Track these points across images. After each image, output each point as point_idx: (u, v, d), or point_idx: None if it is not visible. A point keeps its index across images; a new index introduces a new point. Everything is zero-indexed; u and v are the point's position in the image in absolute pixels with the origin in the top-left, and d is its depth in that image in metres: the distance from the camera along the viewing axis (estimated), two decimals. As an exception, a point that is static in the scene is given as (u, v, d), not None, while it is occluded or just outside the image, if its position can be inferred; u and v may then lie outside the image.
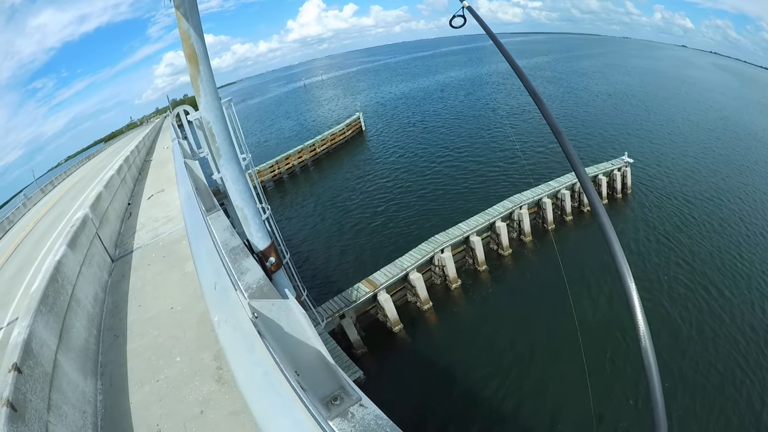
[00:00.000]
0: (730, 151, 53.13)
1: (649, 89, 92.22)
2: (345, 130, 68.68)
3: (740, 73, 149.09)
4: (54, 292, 6.79)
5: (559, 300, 26.00)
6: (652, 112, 71.85)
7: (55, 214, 25.84)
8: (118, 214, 15.84)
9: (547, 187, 35.61)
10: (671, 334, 23.38)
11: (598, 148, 52.78)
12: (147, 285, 9.45)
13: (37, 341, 5.12)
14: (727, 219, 35.20)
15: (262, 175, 52.74)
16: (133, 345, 7.12)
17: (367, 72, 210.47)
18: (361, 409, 3.61)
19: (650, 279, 27.84)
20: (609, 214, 3.03)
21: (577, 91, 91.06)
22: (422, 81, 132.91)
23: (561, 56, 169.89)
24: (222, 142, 10.58)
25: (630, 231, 33.78)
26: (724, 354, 22.02)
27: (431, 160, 54.55)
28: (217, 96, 10.36)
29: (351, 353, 23.40)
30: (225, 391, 5.45)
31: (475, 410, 20.09)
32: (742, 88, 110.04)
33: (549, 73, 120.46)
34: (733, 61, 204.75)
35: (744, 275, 28.03)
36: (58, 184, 47.17)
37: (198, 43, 9.32)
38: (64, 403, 4.79)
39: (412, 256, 27.97)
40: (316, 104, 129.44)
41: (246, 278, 6.10)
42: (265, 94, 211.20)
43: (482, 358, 22.84)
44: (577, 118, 67.97)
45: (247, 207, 11.38)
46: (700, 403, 19.45)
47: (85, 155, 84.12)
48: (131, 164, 27.03)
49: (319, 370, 3.93)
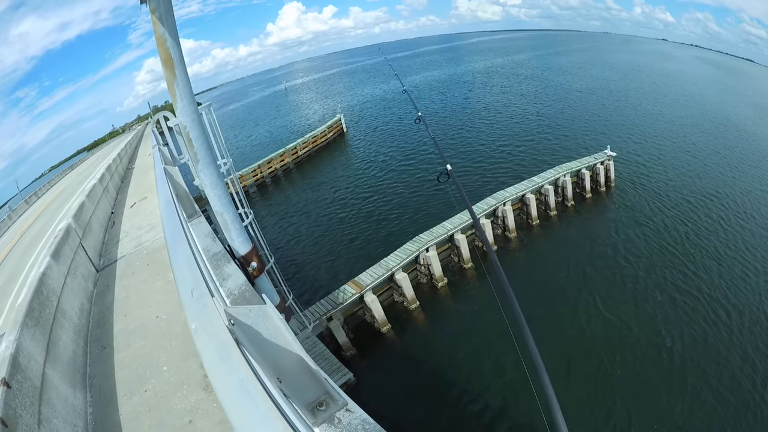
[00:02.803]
0: (712, 142, 54.13)
1: (630, 84, 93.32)
2: (326, 131, 68.74)
3: (722, 65, 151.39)
4: (39, 304, 6.79)
5: (545, 295, 26.38)
6: (634, 106, 72.79)
7: (40, 225, 25.64)
8: (101, 224, 15.77)
9: (530, 183, 35.94)
10: (650, 326, 23.79)
11: (581, 142, 53.26)
12: (132, 294, 9.46)
13: (24, 355, 5.13)
14: (711, 208, 36.10)
15: (245, 179, 52.65)
16: (120, 356, 7.15)
17: (347, 73, 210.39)
18: (347, 413, 3.65)
19: (634, 270, 28.30)
20: (593, 208, 3.12)
21: (558, 87, 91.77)
22: (405, 81, 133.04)
23: (541, 53, 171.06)
24: (200, 147, 10.56)
25: (613, 223, 34.24)
26: (712, 347, 22.46)
27: (413, 158, 54.74)
28: (194, 100, 10.34)
29: (340, 355, 23.45)
30: (213, 399, 5.50)
31: (463, 410, 20.22)
32: (725, 79, 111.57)
33: (529, 71, 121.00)
34: (714, 54, 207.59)
35: (726, 265, 28.80)
36: (42, 194, 46.72)
37: (174, 48, 9.31)
38: (55, 416, 4.82)
39: (398, 255, 28.08)
40: (297, 107, 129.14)
41: (228, 284, 6.13)
42: (246, 98, 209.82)
43: (470, 356, 23.00)
44: (559, 114, 68.63)
45: (226, 212, 11.38)
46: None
47: (68, 165, 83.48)
48: (113, 172, 26.88)
49: (302, 376, 3.96)
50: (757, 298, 25.55)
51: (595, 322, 24.15)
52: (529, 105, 75.52)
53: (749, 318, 24.09)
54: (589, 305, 25.45)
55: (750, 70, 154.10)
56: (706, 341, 22.62)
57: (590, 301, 25.67)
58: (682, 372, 20.87)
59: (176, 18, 9.47)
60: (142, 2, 8.85)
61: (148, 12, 9.00)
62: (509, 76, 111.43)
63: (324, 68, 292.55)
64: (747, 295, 25.91)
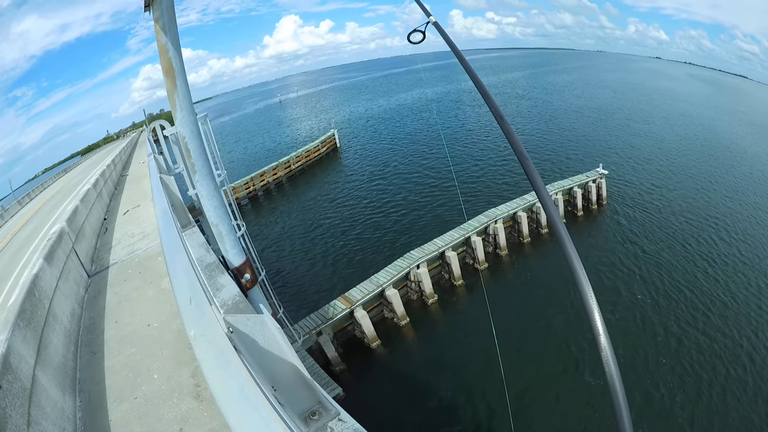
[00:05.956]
0: (706, 161, 54.99)
1: (623, 102, 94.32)
2: (320, 146, 69.00)
3: (716, 82, 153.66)
4: (31, 306, 6.75)
5: (535, 312, 26.43)
6: (627, 124, 73.78)
7: (32, 227, 25.46)
8: (94, 229, 15.69)
9: (522, 201, 36.10)
10: (637, 342, 23.94)
11: (574, 160, 53.78)
12: (123, 301, 9.39)
13: (15, 356, 5.10)
14: (701, 226, 36.76)
15: (237, 191, 52.61)
16: (110, 362, 7.10)
17: (342, 89, 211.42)
18: (339, 423, 3.67)
19: (620, 286, 28.52)
20: (584, 226, 3.19)
21: (551, 105, 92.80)
22: (397, 98, 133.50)
23: (535, 71, 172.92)
24: (197, 157, 10.56)
25: (604, 241, 34.47)
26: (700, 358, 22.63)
27: (406, 175, 54.98)
28: (193, 111, 10.36)
29: (329, 370, 23.37)
30: (203, 409, 5.47)
31: (453, 424, 20.17)
32: (718, 97, 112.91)
33: (523, 90, 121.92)
34: (708, 71, 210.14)
35: (715, 280, 29.51)
36: (35, 196, 46.35)
37: (176, 58, 9.33)
38: (44, 419, 4.79)
39: (388, 272, 28.10)
40: (291, 120, 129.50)
41: (221, 294, 6.13)
42: (241, 110, 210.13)
43: (459, 371, 22.99)
44: (552, 132, 69.52)
45: (222, 223, 11.37)
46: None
47: (62, 168, 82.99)
48: (107, 179, 26.76)
49: (296, 385, 3.98)
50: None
51: (578, 341, 24.17)
52: (523, 124, 76.08)
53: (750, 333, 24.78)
54: (572, 324, 25.48)
55: (744, 86, 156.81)
56: (701, 353, 23.09)
57: (575, 321, 25.67)
58: (681, 385, 21.14)
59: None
60: (145, 9, 8.86)
61: (151, 20, 9.01)
62: (502, 95, 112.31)
63: (319, 82, 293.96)
64: (743, 311, 26.63)
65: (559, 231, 3.01)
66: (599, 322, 2.71)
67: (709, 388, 21.15)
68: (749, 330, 24.87)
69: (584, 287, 2.83)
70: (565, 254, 2.94)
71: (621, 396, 2.53)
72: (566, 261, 2.91)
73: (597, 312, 2.75)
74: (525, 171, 3.51)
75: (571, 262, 2.91)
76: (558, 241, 3.03)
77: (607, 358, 2.60)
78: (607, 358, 2.60)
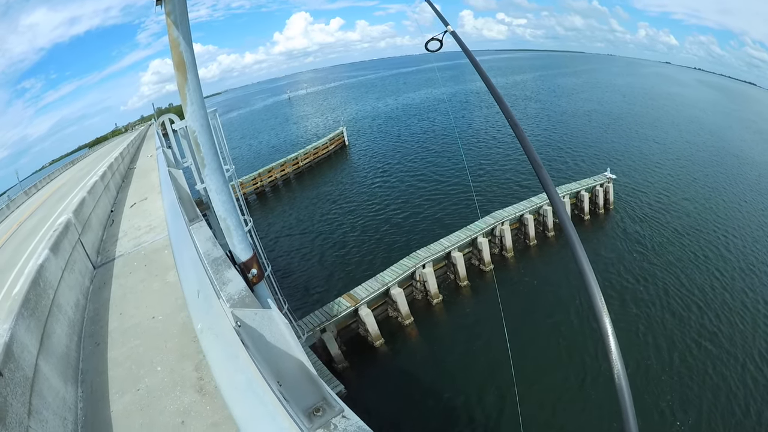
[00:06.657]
0: (716, 168, 54.61)
1: (632, 107, 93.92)
2: (328, 144, 68.96)
3: (725, 88, 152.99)
4: (36, 296, 6.73)
5: (541, 314, 26.32)
6: (636, 129, 73.37)
7: (38, 217, 25.53)
8: (100, 221, 15.70)
9: (529, 203, 35.98)
10: (645, 349, 23.73)
11: (582, 164, 53.54)
12: (128, 293, 9.38)
13: (18, 345, 5.08)
14: (709, 237, 36.33)
15: (245, 187, 52.68)
16: (113, 353, 7.07)
17: (351, 87, 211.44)
18: (343, 420, 3.62)
19: (627, 292, 28.35)
20: (591, 230, 3.15)
21: (560, 108, 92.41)
22: (406, 97, 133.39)
23: (545, 73, 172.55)
24: (207, 151, 10.52)
25: (610, 245, 34.31)
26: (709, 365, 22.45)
27: (414, 175, 54.87)
28: (204, 105, 10.31)
29: (332, 367, 23.37)
30: (206, 402, 5.43)
31: (455, 426, 20.11)
32: (727, 103, 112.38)
33: (532, 92, 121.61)
34: (717, 77, 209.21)
35: (723, 286, 29.30)
36: (42, 187, 46.61)
37: (187, 52, 9.26)
38: (45, 408, 4.76)
39: (394, 271, 28.04)
40: (300, 117, 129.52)
41: (228, 289, 6.10)
42: (249, 105, 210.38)
43: (462, 373, 22.91)
44: (560, 135, 69.14)
45: (230, 218, 11.32)
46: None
47: (69, 160, 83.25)
48: (115, 171, 26.84)
49: (301, 381, 3.93)
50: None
51: (584, 345, 24.04)
52: (531, 126, 75.78)
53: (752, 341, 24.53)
54: (575, 328, 25.37)
55: (753, 93, 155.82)
56: (706, 373, 22.67)
57: (578, 324, 25.55)
58: (688, 390, 21.07)
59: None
60: (157, 3, 8.80)
61: (163, 14, 8.94)
62: (510, 97, 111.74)
63: (328, 80, 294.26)
64: (752, 323, 26.23)
65: (572, 239, 2.97)
66: (608, 326, 2.65)
67: (710, 411, 20.75)
68: (755, 353, 24.29)
69: (595, 294, 2.77)
70: (577, 262, 2.88)
71: (628, 399, 2.47)
72: (579, 271, 2.84)
73: (606, 316, 2.69)
74: (540, 180, 3.46)
75: (582, 270, 2.85)
76: (570, 249, 2.97)
77: (617, 365, 2.54)
78: (617, 365, 2.54)
